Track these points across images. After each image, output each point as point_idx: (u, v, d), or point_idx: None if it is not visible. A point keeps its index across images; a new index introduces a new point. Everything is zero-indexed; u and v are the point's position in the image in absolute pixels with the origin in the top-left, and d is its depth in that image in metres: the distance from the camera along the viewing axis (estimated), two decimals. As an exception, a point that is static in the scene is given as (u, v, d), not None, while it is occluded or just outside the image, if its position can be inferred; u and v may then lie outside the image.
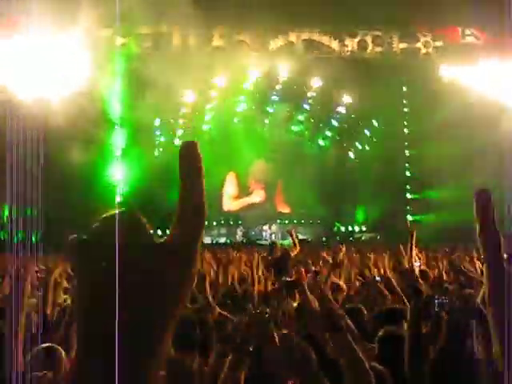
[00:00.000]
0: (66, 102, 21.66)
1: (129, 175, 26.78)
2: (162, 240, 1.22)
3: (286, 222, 34.08)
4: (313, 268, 9.80)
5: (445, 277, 8.48)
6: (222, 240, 32.42)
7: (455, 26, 26.35)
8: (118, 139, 26.14)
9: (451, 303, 4.83)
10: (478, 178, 24.39)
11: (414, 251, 7.75)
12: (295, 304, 6.18)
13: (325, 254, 10.14)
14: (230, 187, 34.42)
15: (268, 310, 5.39)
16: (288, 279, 6.02)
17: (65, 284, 8.02)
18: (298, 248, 11.01)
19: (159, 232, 30.85)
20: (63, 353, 4.45)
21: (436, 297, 5.10)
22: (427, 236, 24.30)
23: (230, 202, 34.38)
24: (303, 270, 7.41)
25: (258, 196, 34.89)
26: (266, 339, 3.74)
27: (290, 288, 5.99)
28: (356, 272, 10.03)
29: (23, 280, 4.83)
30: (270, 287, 7.64)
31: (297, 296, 6.13)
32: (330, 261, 9.07)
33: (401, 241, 18.69)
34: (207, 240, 31.89)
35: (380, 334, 4.66)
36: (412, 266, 7.36)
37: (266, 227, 33.65)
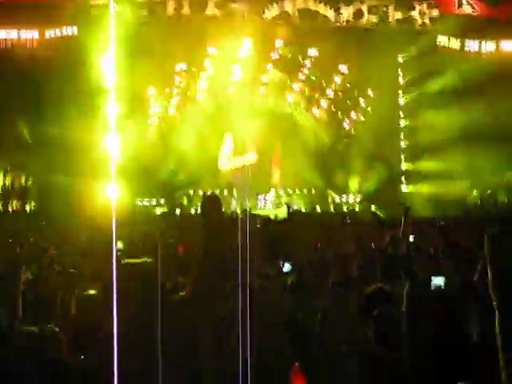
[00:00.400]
0: (59, 70, 21.56)
1: (123, 144, 26.66)
2: (179, 295, 1.27)
3: (281, 191, 33.98)
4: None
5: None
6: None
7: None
8: (112, 108, 25.97)
9: (448, 282, 4.84)
10: (474, 148, 24.44)
11: (409, 227, 7.71)
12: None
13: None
14: (226, 148, 34.24)
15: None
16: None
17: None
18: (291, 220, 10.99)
19: (154, 202, 31.03)
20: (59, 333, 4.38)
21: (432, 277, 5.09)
22: (421, 207, 24.39)
23: (226, 161, 34.24)
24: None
25: (251, 158, 34.67)
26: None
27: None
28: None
29: (18, 259, 4.80)
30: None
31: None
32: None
33: (394, 211, 18.72)
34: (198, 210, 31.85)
35: (375, 313, 4.63)
36: (407, 243, 7.34)
37: (260, 196, 33.55)
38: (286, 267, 6.24)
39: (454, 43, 26.26)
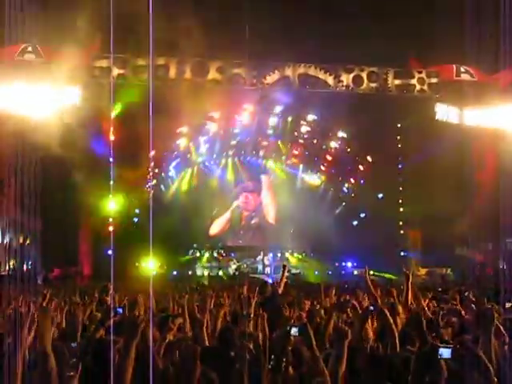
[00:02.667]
0: (60, 135, 21.59)
1: (121, 208, 26.94)
2: None
3: (279, 254, 33.64)
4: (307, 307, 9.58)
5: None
6: (215, 272, 32.08)
7: (450, 63, 26.42)
8: (111, 172, 26.19)
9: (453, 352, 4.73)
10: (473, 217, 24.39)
11: (410, 295, 7.62)
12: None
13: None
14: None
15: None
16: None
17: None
18: (283, 285, 10.82)
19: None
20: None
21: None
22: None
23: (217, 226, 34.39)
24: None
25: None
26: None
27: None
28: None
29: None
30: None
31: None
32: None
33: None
34: (199, 272, 31.66)
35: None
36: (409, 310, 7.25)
37: (259, 258, 33.19)
38: (293, 331, 5.85)
39: (452, 110, 26.38)
